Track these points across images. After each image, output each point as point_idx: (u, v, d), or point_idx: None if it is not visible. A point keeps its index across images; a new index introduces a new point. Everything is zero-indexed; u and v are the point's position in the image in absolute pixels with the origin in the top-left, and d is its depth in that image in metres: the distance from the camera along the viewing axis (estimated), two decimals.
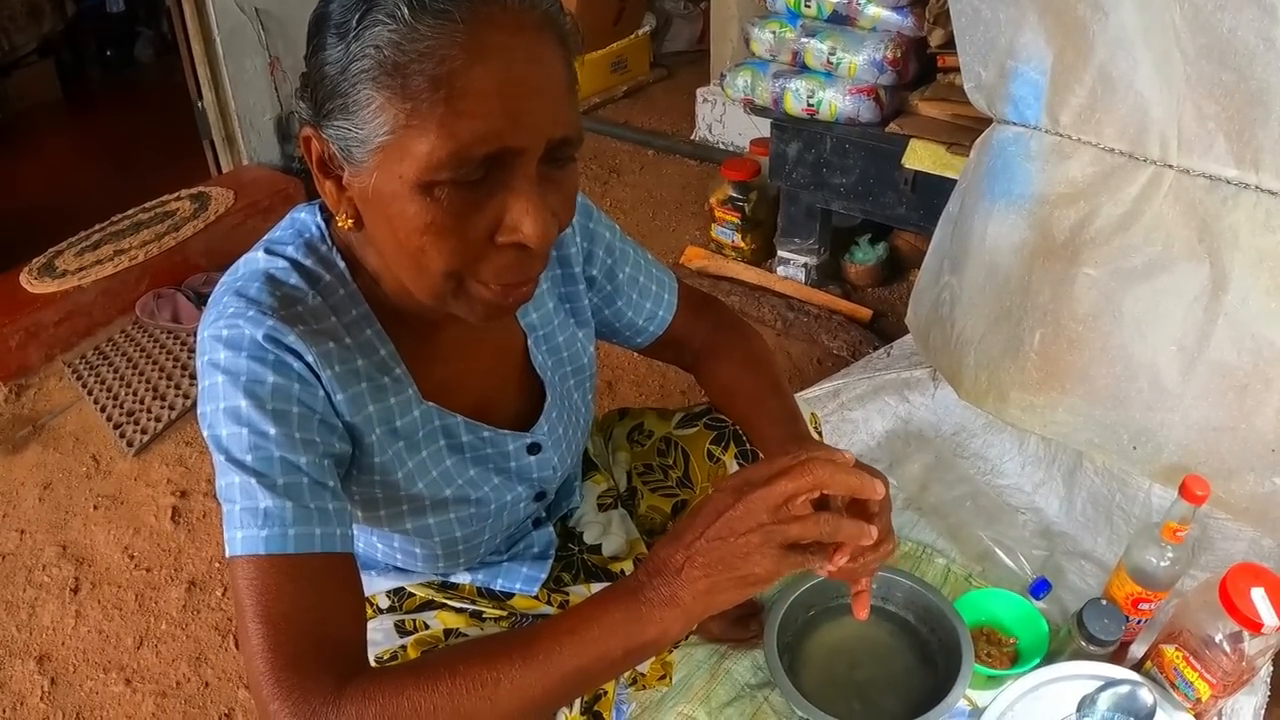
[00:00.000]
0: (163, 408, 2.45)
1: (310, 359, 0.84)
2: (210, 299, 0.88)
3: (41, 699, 1.75)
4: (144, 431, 2.38)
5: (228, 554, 0.81)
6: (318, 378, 0.86)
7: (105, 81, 5.25)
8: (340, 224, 0.83)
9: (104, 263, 2.85)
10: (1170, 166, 1.45)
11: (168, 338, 2.74)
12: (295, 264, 0.89)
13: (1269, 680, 1.48)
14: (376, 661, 1.10)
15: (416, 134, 0.71)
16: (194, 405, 2.41)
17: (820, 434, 1.40)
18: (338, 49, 0.72)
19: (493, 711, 0.78)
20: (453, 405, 0.99)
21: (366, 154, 0.74)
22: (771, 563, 0.79)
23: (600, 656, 0.80)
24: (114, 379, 2.59)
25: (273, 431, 0.81)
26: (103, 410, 2.47)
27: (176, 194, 3.27)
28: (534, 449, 1.08)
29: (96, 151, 4.39)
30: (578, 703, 1.03)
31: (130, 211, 3.21)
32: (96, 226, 3.14)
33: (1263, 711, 1.46)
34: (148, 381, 2.56)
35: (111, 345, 2.74)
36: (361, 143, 0.74)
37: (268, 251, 0.90)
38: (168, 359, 2.65)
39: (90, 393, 2.55)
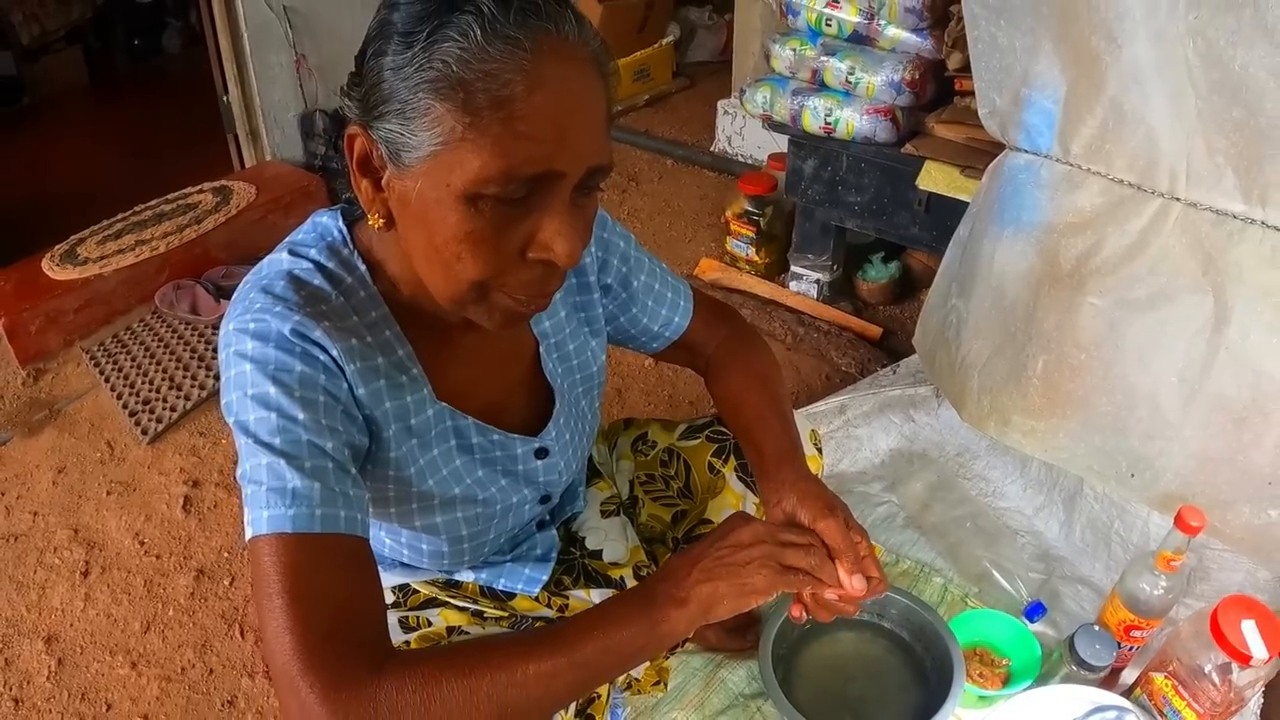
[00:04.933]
0: (178, 398, 2.48)
1: (335, 353, 0.88)
2: (235, 296, 0.91)
3: (48, 679, 1.78)
4: (159, 420, 2.41)
5: (250, 534, 0.82)
6: (341, 371, 0.89)
7: (132, 70, 5.32)
8: (371, 223, 0.87)
9: (125, 252, 2.89)
10: (1178, 199, 1.46)
11: (186, 329, 2.78)
12: (318, 265, 0.92)
13: (1259, 712, 1.48)
14: None
15: (471, 148, 0.75)
16: (209, 397, 2.45)
17: (820, 449, 1.42)
18: (402, 56, 0.75)
19: (522, 697, 0.82)
20: (465, 407, 1.03)
21: (416, 159, 0.77)
22: (770, 574, 0.92)
23: (613, 649, 0.87)
24: (131, 367, 2.63)
25: (301, 416, 0.84)
26: (119, 398, 2.51)
27: (199, 186, 3.31)
28: (541, 453, 1.11)
29: (121, 139, 4.44)
30: (572, 705, 1.05)
31: (153, 202, 3.25)
32: (119, 216, 3.18)
33: None
34: (164, 371, 2.60)
35: (130, 334, 2.78)
36: (413, 148, 0.77)
37: (291, 253, 0.93)
38: (185, 350, 2.68)
39: (107, 380, 2.58)
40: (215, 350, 0.97)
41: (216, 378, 2.39)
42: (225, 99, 3.52)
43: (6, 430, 2.44)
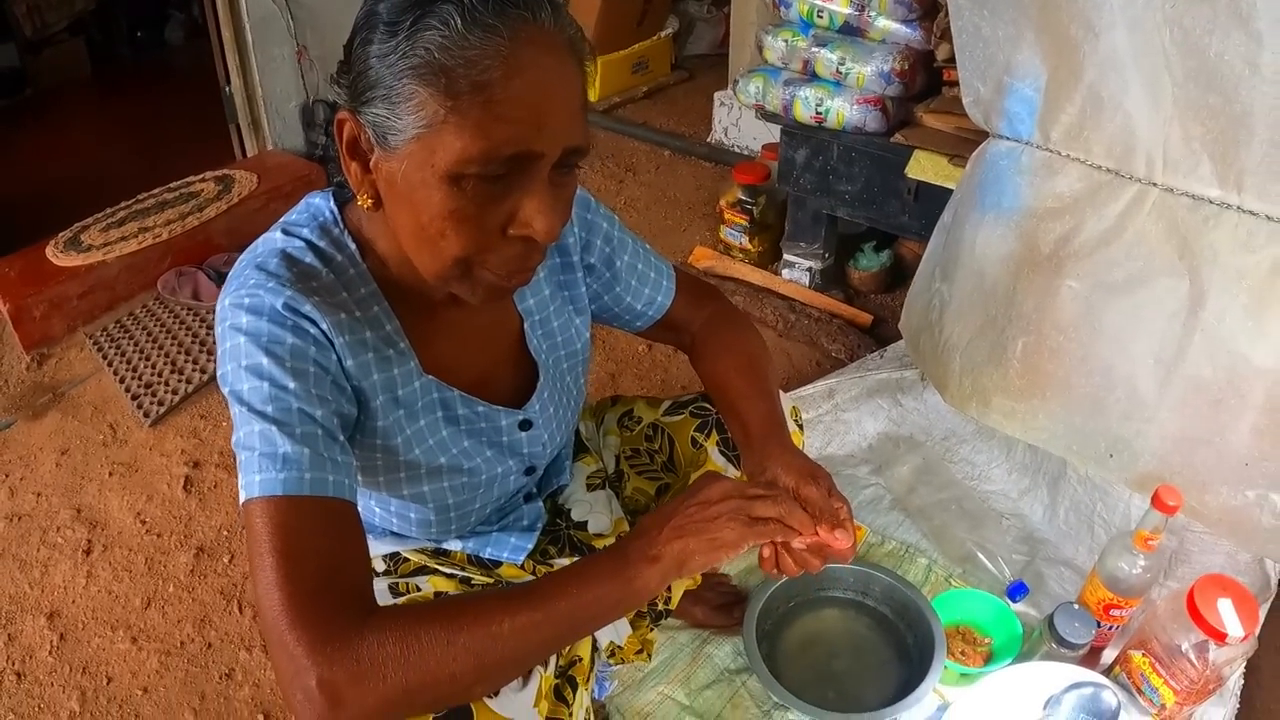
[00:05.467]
0: (180, 381, 2.52)
1: (324, 326, 0.92)
2: (231, 273, 0.96)
3: (50, 653, 1.82)
4: (160, 403, 2.44)
5: (243, 497, 0.86)
6: (331, 343, 0.93)
7: (135, 62, 5.31)
8: (360, 203, 0.91)
9: (128, 239, 2.92)
10: (1155, 185, 1.49)
11: (188, 314, 2.81)
12: (310, 244, 0.97)
13: (1239, 692, 1.51)
14: None
15: (453, 130, 0.79)
16: (210, 380, 2.49)
17: (800, 425, 1.45)
18: (387, 44, 0.80)
19: (500, 650, 0.85)
20: (452, 381, 1.07)
21: (402, 142, 0.82)
22: (739, 527, 0.94)
23: (589, 604, 0.90)
24: (134, 352, 2.66)
25: (292, 385, 0.88)
26: (121, 381, 2.54)
27: (201, 175, 3.34)
28: (525, 425, 1.15)
29: (124, 130, 4.45)
30: (552, 663, 1.08)
31: (156, 191, 3.28)
32: (122, 204, 3.20)
33: None
34: (166, 355, 2.63)
35: (133, 319, 2.81)
36: (399, 131, 0.81)
37: (285, 232, 0.98)
38: (187, 335, 2.71)
39: (110, 364, 2.61)
40: None
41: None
42: (227, 90, 3.54)
43: (11, 414, 2.47)
